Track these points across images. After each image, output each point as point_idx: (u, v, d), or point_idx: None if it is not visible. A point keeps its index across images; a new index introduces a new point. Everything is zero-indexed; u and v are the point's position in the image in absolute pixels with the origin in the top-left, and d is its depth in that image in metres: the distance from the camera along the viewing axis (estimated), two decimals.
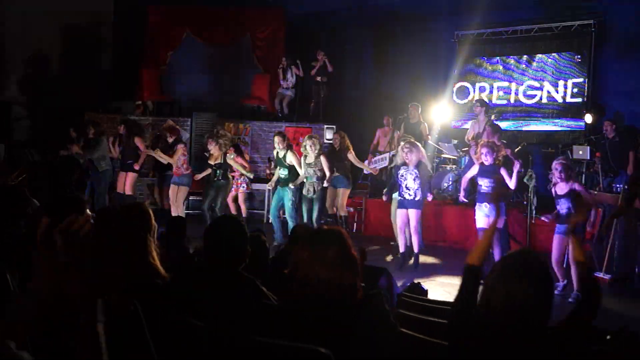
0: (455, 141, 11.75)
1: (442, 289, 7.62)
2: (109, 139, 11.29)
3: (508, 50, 13.36)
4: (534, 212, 9.39)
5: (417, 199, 8.36)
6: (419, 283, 6.27)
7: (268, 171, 11.83)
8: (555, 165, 7.42)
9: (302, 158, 9.41)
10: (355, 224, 11.52)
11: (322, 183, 9.38)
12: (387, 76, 14.75)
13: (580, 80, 12.27)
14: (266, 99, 14.46)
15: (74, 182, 9.61)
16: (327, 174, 9.33)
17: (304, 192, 9.41)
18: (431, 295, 5.92)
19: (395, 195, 8.89)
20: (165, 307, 2.94)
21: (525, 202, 9.71)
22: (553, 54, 12.72)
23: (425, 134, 11.17)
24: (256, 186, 11.93)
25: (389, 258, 9.40)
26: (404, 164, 8.44)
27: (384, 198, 9.08)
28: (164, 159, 10.44)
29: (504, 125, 12.58)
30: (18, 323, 1.59)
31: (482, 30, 13.24)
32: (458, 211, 10.40)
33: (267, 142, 13.20)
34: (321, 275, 2.42)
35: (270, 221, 9.99)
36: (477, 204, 8.06)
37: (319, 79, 13.55)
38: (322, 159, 9.27)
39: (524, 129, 12.89)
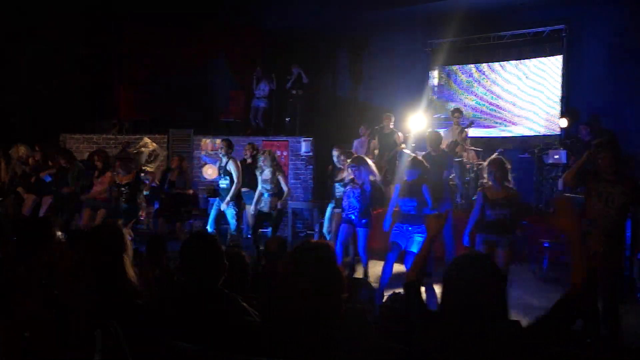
0: None
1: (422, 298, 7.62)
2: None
3: (481, 57, 13.47)
4: None
5: None
6: (399, 293, 6.26)
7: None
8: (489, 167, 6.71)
9: (258, 173, 9.14)
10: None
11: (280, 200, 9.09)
12: (362, 87, 14.82)
13: (554, 85, 12.40)
14: (242, 113, 14.45)
15: None
16: (285, 190, 9.08)
17: (260, 206, 9.10)
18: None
19: None
20: (146, 327, 2.91)
21: None
22: (526, 60, 12.85)
23: (399, 142, 11.20)
24: None
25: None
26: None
27: None
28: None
29: (479, 131, 12.70)
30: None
31: (455, 39, 13.33)
32: None
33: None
34: (305, 289, 2.40)
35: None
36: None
37: (294, 92, 13.57)
38: (279, 175, 9.02)
39: (500, 135, 12.98)
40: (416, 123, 11.92)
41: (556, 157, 10.65)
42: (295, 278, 2.46)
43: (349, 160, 8.02)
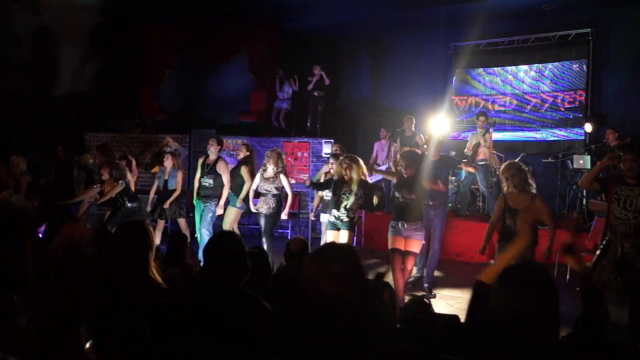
0: (454, 153, 11.71)
1: (445, 302, 7.59)
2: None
3: (505, 60, 13.34)
4: None
5: None
6: (422, 297, 6.26)
7: None
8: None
9: (261, 171, 8.90)
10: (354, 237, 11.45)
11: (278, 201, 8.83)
12: (384, 89, 14.77)
13: (579, 89, 12.27)
14: (264, 114, 14.50)
15: None
16: (289, 192, 8.87)
17: (257, 207, 8.84)
18: (434, 309, 5.90)
19: None
20: (168, 325, 2.92)
21: None
22: (551, 63, 12.71)
23: (421, 144, 11.13)
24: None
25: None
26: None
27: None
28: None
29: (503, 135, 12.60)
30: (18, 337, 1.58)
31: (479, 41, 13.24)
32: (459, 224, 10.38)
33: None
34: (326, 290, 2.39)
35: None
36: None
37: (315, 93, 13.58)
38: (282, 176, 8.77)
39: (523, 139, 12.88)
40: (438, 126, 11.86)
41: (580, 162, 10.55)
42: (317, 279, 2.44)
43: (342, 158, 7.74)
